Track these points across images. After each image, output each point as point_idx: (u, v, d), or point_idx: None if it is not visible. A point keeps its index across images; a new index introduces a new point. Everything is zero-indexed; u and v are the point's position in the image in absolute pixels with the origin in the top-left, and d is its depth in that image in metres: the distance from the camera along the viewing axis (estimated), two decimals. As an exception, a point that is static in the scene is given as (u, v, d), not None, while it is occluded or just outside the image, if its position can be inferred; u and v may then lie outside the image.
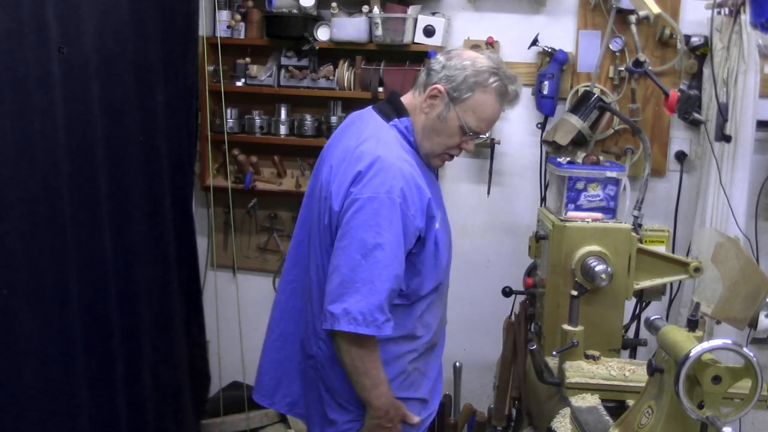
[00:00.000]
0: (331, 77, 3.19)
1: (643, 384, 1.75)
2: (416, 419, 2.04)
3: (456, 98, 1.94)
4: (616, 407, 1.95)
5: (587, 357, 2.08)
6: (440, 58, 2.00)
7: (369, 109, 2.08)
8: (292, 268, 2.14)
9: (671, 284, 2.86)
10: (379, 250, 1.83)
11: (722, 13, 2.74)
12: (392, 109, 2.03)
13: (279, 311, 2.16)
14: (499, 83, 1.95)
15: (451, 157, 2.07)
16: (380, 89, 3.11)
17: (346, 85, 3.17)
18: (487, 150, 3.18)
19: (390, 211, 1.84)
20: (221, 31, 3.24)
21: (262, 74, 3.27)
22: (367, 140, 1.94)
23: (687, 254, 2.82)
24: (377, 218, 1.83)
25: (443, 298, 2.13)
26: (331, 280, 1.88)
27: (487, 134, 3.00)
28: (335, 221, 1.91)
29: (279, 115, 3.29)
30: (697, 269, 2.39)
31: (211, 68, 3.28)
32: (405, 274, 1.92)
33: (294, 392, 2.13)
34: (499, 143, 3.13)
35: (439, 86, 1.94)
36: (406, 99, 2.05)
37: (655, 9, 2.64)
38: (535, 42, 3.00)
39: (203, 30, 3.15)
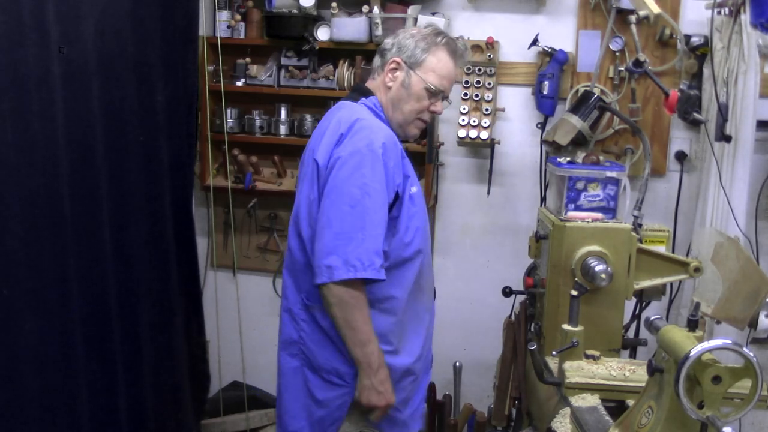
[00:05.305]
0: (331, 77, 3.19)
1: (643, 384, 1.74)
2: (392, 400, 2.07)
3: (414, 63, 2.10)
4: (616, 407, 1.95)
5: (587, 357, 2.07)
6: (388, 40, 2.17)
7: (338, 102, 2.19)
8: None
9: (671, 284, 2.86)
10: (367, 198, 1.91)
11: (722, 13, 2.74)
12: (358, 93, 2.16)
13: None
14: (447, 38, 2.13)
15: (424, 122, 2.18)
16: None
17: (346, 85, 3.17)
18: (487, 150, 3.18)
19: (372, 162, 1.93)
20: (221, 31, 3.24)
21: (262, 74, 3.27)
22: (344, 112, 2.06)
23: (687, 254, 2.82)
24: (361, 169, 1.92)
25: (425, 271, 2.16)
26: (321, 236, 1.94)
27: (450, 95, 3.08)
28: (320, 176, 2.00)
29: (279, 115, 3.29)
30: (697, 269, 2.39)
31: (211, 68, 3.28)
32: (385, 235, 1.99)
33: None
34: (499, 143, 3.13)
35: (396, 58, 2.11)
36: (368, 84, 2.18)
37: (655, 9, 2.63)
38: (535, 42, 3.00)
39: (203, 30, 3.15)
